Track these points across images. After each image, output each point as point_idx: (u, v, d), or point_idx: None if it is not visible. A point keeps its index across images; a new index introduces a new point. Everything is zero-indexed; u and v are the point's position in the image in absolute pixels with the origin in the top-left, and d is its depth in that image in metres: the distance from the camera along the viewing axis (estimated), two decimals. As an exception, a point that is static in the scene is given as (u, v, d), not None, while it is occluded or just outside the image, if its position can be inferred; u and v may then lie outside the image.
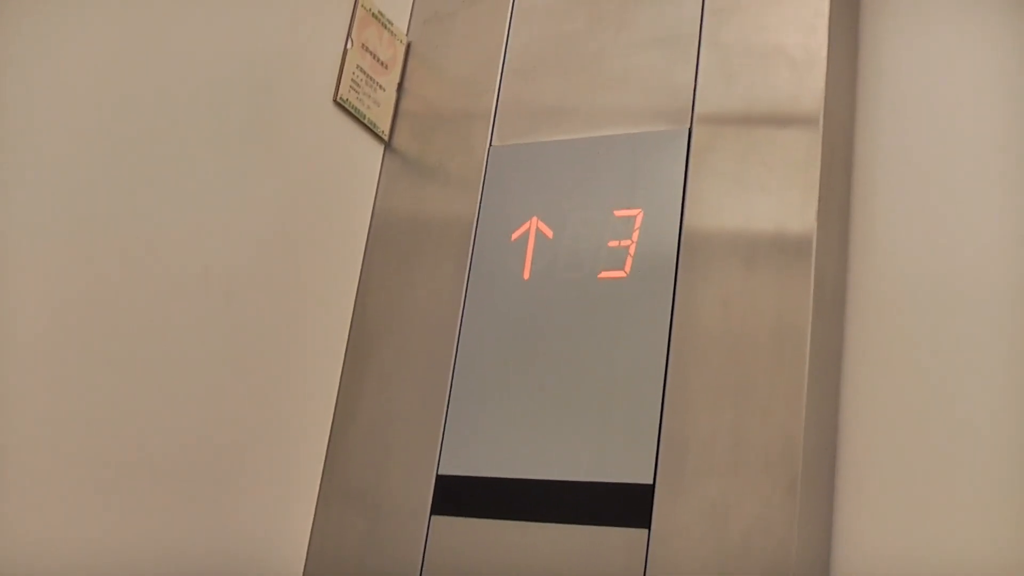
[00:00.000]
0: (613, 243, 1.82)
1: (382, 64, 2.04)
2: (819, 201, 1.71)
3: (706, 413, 1.66)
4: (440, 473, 1.81)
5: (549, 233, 1.87)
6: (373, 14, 2.02)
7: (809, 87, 1.77)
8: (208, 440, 1.69)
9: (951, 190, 1.83)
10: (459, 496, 1.78)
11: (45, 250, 1.45)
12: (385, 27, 2.05)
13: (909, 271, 1.81)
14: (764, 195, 1.74)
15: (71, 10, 1.48)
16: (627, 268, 1.79)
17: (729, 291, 1.71)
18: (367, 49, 2.00)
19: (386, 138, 2.05)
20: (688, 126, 1.83)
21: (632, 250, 1.80)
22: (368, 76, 2.00)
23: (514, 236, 1.89)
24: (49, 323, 1.46)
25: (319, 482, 1.88)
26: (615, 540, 1.66)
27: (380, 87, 2.03)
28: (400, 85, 2.09)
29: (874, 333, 1.80)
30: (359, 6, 1.98)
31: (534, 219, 1.89)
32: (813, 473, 1.64)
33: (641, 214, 1.81)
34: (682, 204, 1.79)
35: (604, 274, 1.81)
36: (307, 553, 1.85)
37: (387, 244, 1.99)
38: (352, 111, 1.97)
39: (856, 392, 1.78)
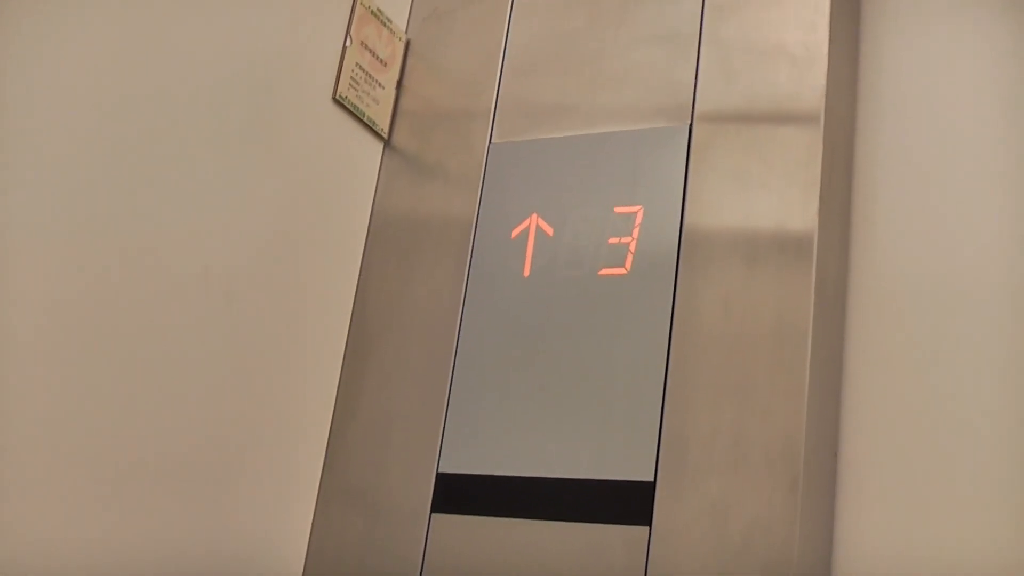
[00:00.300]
0: (613, 240, 1.81)
1: (381, 62, 2.04)
2: (820, 199, 1.71)
3: (707, 411, 1.66)
4: (440, 471, 1.80)
5: (549, 230, 1.86)
6: (372, 11, 2.01)
7: (810, 84, 1.77)
8: (208, 440, 1.69)
9: (952, 189, 1.83)
10: (459, 494, 1.78)
11: (45, 250, 1.44)
12: (384, 25, 2.04)
13: (910, 269, 1.81)
14: (765, 192, 1.74)
15: (71, 10, 1.48)
16: (628, 265, 1.79)
17: (730, 289, 1.71)
18: (366, 47, 2.00)
19: (385, 136, 2.05)
20: (688, 123, 1.83)
21: (632, 247, 1.80)
22: (367, 74, 2.00)
23: (514, 233, 1.89)
24: (49, 323, 1.45)
25: (319, 481, 1.88)
26: (616, 538, 1.66)
27: (379, 85, 2.03)
28: (399, 83, 2.08)
29: (875, 331, 1.80)
30: (358, 4, 1.98)
31: (534, 216, 1.89)
32: (814, 472, 1.64)
33: (641, 211, 1.81)
34: (683, 201, 1.79)
35: (604, 271, 1.80)
36: (307, 552, 1.85)
37: (387, 242, 1.99)
38: (351, 109, 1.96)
39: (857, 390, 1.78)
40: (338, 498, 1.86)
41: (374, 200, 2.03)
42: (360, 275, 1.99)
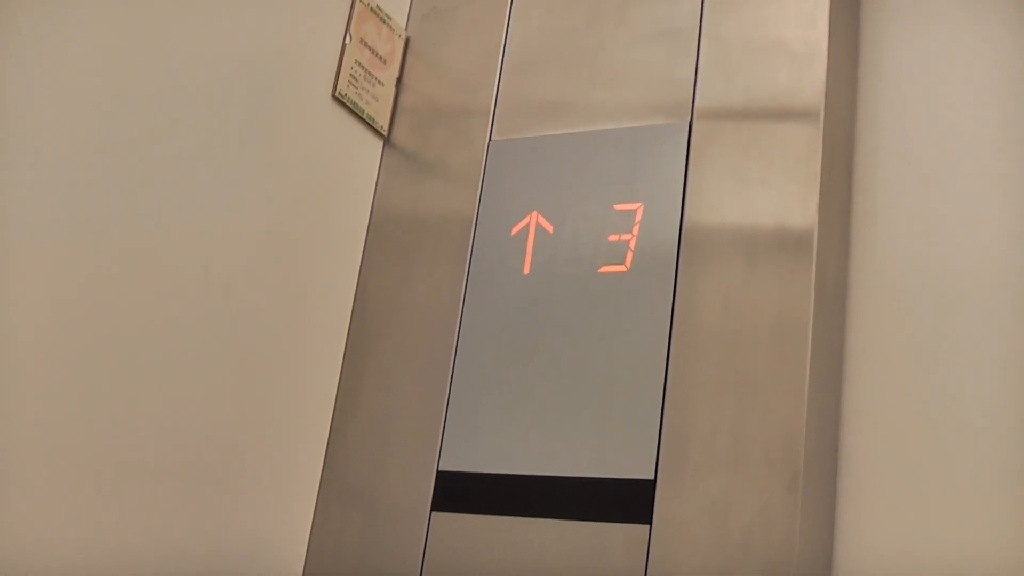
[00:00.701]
0: (613, 237, 1.81)
1: (381, 59, 2.03)
2: (820, 195, 1.70)
3: (707, 409, 1.66)
4: (440, 469, 1.80)
5: (549, 228, 1.86)
6: (371, 8, 2.01)
7: (810, 80, 1.77)
8: (207, 439, 1.69)
9: (952, 185, 1.82)
10: (459, 492, 1.78)
11: (45, 250, 1.44)
12: (384, 22, 2.04)
13: (911, 266, 1.81)
14: (765, 189, 1.74)
15: (71, 10, 1.48)
16: (628, 263, 1.79)
17: (730, 286, 1.71)
18: (365, 44, 2.00)
19: (385, 133, 2.05)
20: (688, 120, 1.83)
21: (632, 244, 1.80)
22: (367, 71, 2.00)
23: (514, 231, 1.89)
24: (48, 323, 1.45)
25: (319, 480, 1.88)
26: (616, 536, 1.66)
27: (379, 82, 2.03)
28: (399, 80, 2.08)
29: (876, 328, 1.80)
30: (357, 1, 1.98)
31: (534, 214, 1.88)
32: (814, 469, 1.64)
33: (641, 208, 1.81)
34: (682, 198, 1.79)
35: (604, 269, 1.80)
36: (307, 551, 1.85)
37: (387, 240, 1.99)
38: (351, 106, 1.96)
39: (858, 388, 1.78)
40: (338, 496, 1.86)
41: (374, 198, 2.03)
42: (360, 273, 1.98)
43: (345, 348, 1.95)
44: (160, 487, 1.61)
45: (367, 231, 2.01)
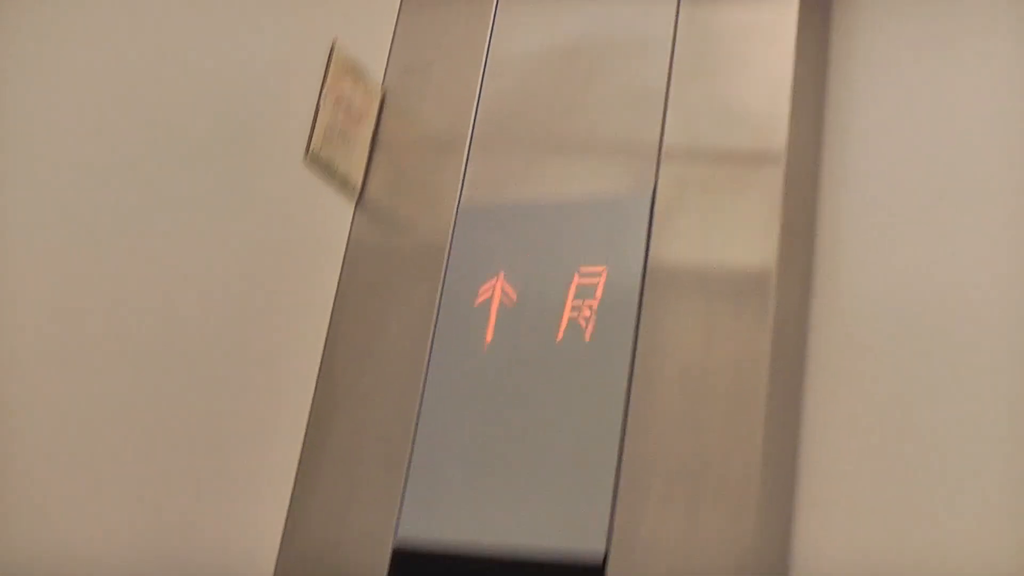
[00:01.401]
0: (576, 303, 1.81)
1: (356, 116, 2.04)
2: (780, 251, 1.72)
3: (659, 498, 1.66)
4: (397, 545, 1.81)
5: (513, 295, 1.87)
6: (348, 67, 2.01)
7: (773, 148, 1.77)
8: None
9: (916, 227, 1.84)
10: (416, 572, 1.79)
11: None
12: (359, 80, 2.04)
13: (872, 310, 1.83)
14: (728, 250, 1.74)
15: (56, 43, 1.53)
16: (588, 331, 1.79)
17: (689, 358, 1.71)
18: (341, 101, 2.00)
19: (358, 190, 2.05)
20: (653, 185, 1.83)
21: (594, 311, 1.79)
22: (341, 129, 2.00)
23: (478, 301, 1.89)
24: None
25: (278, 548, 1.90)
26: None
27: (353, 139, 2.03)
28: (373, 137, 2.08)
29: (838, 407, 1.81)
30: (334, 58, 1.98)
31: (499, 280, 1.89)
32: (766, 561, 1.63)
33: (605, 273, 1.81)
34: (644, 265, 1.79)
35: (564, 338, 1.80)
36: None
37: (354, 306, 2.00)
38: (325, 165, 1.96)
39: (817, 440, 1.80)
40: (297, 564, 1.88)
41: (344, 259, 2.04)
42: (327, 337, 2.00)
43: (308, 418, 1.96)
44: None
45: (335, 295, 2.02)
